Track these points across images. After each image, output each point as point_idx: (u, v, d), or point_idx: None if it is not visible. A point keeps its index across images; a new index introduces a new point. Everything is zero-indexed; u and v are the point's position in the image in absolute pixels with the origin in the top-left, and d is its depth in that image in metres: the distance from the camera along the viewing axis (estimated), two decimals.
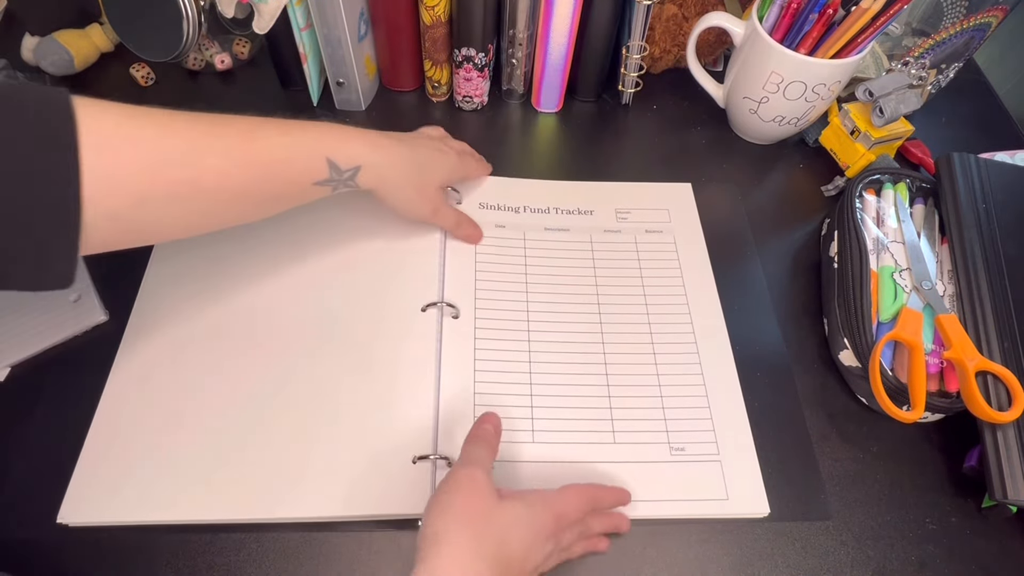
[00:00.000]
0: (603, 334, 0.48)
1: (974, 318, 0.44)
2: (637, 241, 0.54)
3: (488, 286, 0.50)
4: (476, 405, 0.44)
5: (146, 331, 0.46)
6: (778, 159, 0.62)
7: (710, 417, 0.45)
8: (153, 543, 0.39)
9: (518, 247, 0.52)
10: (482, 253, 0.51)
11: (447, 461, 0.41)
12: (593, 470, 0.42)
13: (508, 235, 0.53)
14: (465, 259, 0.51)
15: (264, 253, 0.50)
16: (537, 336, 0.48)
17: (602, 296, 0.50)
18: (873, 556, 0.41)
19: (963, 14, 0.56)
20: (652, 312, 0.50)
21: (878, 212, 0.51)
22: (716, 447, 0.43)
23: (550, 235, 0.53)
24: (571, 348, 0.47)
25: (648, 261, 0.52)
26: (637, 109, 0.64)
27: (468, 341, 0.46)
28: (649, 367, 0.47)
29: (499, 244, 0.52)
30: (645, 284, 0.51)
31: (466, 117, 0.63)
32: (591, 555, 0.40)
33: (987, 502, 0.43)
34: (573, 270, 0.51)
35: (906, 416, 0.42)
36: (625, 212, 0.55)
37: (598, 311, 0.49)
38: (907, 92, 0.54)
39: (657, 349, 0.48)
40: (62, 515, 0.38)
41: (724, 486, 0.42)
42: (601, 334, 0.48)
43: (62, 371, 0.45)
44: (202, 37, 0.58)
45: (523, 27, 0.56)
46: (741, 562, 0.40)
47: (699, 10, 0.61)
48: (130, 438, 0.41)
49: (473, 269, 0.50)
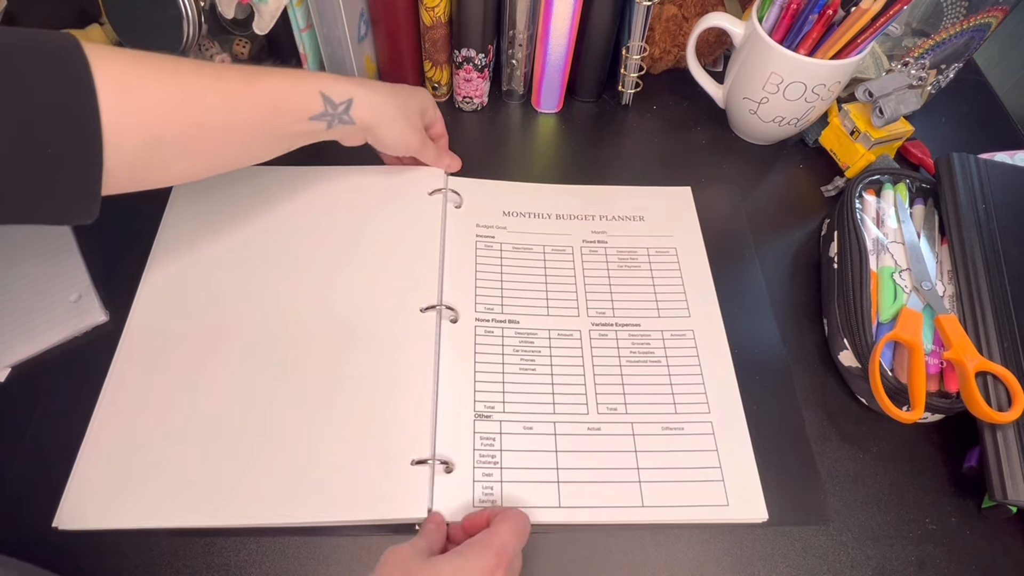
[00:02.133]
0: (603, 339, 0.48)
1: (974, 318, 0.44)
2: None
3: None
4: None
5: (143, 334, 0.45)
6: (778, 159, 0.62)
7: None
8: (152, 544, 0.39)
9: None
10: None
11: (445, 466, 0.41)
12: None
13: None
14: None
15: (263, 255, 0.50)
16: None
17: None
18: (873, 556, 0.41)
19: (963, 14, 0.56)
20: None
21: (878, 212, 0.51)
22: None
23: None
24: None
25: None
26: (637, 109, 0.64)
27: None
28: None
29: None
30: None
31: (466, 118, 0.63)
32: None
33: (987, 502, 0.43)
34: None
35: (906, 416, 0.42)
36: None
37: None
38: (907, 92, 0.54)
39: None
40: (58, 520, 0.38)
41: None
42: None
43: (61, 372, 0.44)
44: (202, 38, 0.58)
45: (523, 28, 0.56)
46: (741, 562, 0.40)
47: (699, 10, 0.61)
48: (127, 442, 0.41)
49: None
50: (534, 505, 0.41)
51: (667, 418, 0.45)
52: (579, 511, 0.41)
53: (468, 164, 0.57)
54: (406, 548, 0.34)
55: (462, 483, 0.41)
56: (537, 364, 0.46)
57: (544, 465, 0.42)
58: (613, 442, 0.43)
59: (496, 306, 0.49)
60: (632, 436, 0.44)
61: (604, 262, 0.52)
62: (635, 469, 0.42)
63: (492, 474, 0.41)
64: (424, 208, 0.52)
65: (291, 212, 0.52)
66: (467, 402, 0.44)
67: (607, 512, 0.41)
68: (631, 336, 0.48)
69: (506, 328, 0.48)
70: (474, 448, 0.42)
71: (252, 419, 0.42)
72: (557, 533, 0.41)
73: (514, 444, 0.43)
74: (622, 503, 0.41)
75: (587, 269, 0.52)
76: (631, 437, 0.44)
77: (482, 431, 0.43)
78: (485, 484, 0.41)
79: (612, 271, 0.52)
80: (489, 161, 0.58)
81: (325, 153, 0.59)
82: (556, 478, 0.42)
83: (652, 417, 0.45)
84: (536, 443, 0.43)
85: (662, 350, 0.48)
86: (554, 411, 0.44)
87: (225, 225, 0.51)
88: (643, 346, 0.48)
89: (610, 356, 0.47)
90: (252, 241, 0.50)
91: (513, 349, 0.47)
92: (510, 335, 0.48)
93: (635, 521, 0.41)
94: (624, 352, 0.48)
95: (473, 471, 0.41)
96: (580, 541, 0.41)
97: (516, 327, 0.48)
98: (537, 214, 0.55)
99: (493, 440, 0.43)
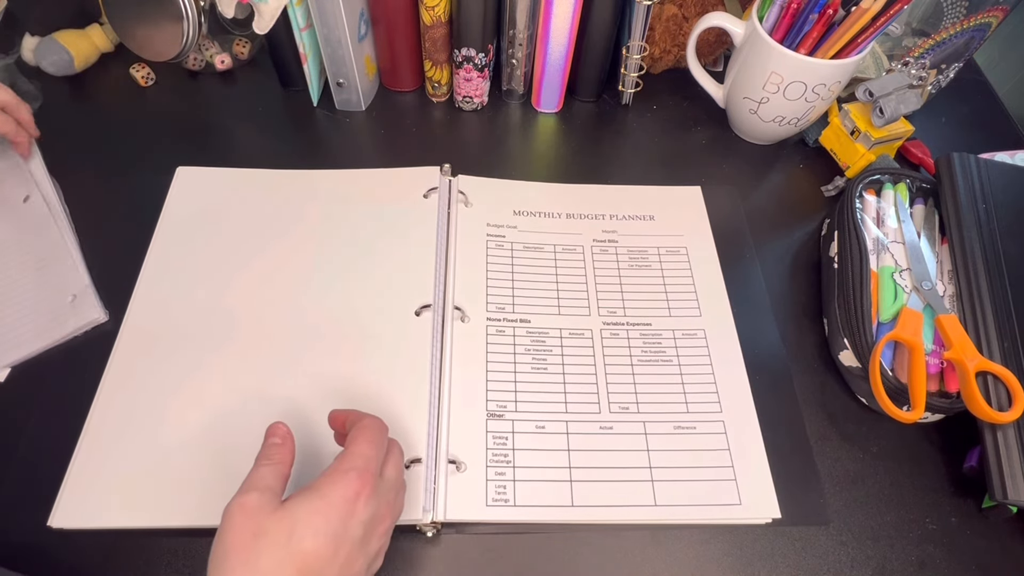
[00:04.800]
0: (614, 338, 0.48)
1: (974, 318, 0.44)
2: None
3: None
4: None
5: (140, 333, 0.45)
6: (778, 159, 0.62)
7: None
8: (152, 544, 0.39)
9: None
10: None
11: (455, 465, 0.41)
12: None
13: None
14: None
15: (259, 255, 0.50)
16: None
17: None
18: (873, 556, 0.41)
19: (963, 14, 0.56)
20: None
21: (878, 212, 0.51)
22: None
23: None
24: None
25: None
26: (637, 109, 0.64)
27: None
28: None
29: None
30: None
31: (466, 117, 0.63)
32: None
33: (987, 502, 0.43)
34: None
35: (906, 416, 0.42)
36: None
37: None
38: (907, 92, 0.54)
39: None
40: (53, 519, 0.38)
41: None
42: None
43: (60, 371, 0.44)
44: (202, 37, 0.58)
45: (523, 27, 0.56)
46: (741, 562, 0.40)
47: (699, 10, 0.61)
48: (123, 441, 0.41)
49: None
50: (547, 504, 0.41)
51: (679, 417, 0.45)
52: (592, 510, 0.41)
53: (468, 164, 0.57)
54: (251, 498, 0.29)
55: (475, 482, 0.41)
56: (549, 363, 0.46)
57: (557, 464, 0.42)
58: (625, 441, 0.43)
59: (507, 305, 0.49)
60: (644, 435, 0.44)
61: (615, 261, 0.52)
62: (647, 468, 0.42)
63: (505, 473, 0.41)
64: (421, 209, 0.52)
65: (288, 214, 0.52)
66: (479, 401, 0.44)
67: (620, 511, 0.41)
68: (642, 335, 0.48)
69: (517, 327, 0.48)
70: (487, 447, 0.42)
71: (249, 418, 0.42)
72: (557, 533, 0.41)
73: (526, 443, 0.43)
74: (635, 502, 0.41)
75: (598, 268, 0.52)
76: (643, 436, 0.44)
77: (494, 430, 0.43)
78: (498, 483, 0.41)
79: (623, 270, 0.52)
80: (489, 161, 0.58)
81: (324, 154, 0.59)
82: (569, 477, 0.42)
83: (664, 416, 0.45)
84: (548, 442, 0.43)
85: (673, 349, 0.48)
86: (566, 410, 0.44)
87: (221, 227, 0.51)
88: (654, 345, 0.48)
89: (621, 355, 0.47)
90: (248, 242, 0.50)
91: (525, 348, 0.47)
92: (521, 334, 0.48)
93: (648, 520, 0.41)
94: (635, 351, 0.48)
95: (486, 470, 0.41)
96: (580, 541, 0.41)
97: (527, 326, 0.48)
98: (547, 213, 0.55)
99: (506, 439, 0.43)
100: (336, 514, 0.30)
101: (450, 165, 0.56)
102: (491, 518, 0.40)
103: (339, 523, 0.30)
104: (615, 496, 0.41)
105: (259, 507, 0.29)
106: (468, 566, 0.39)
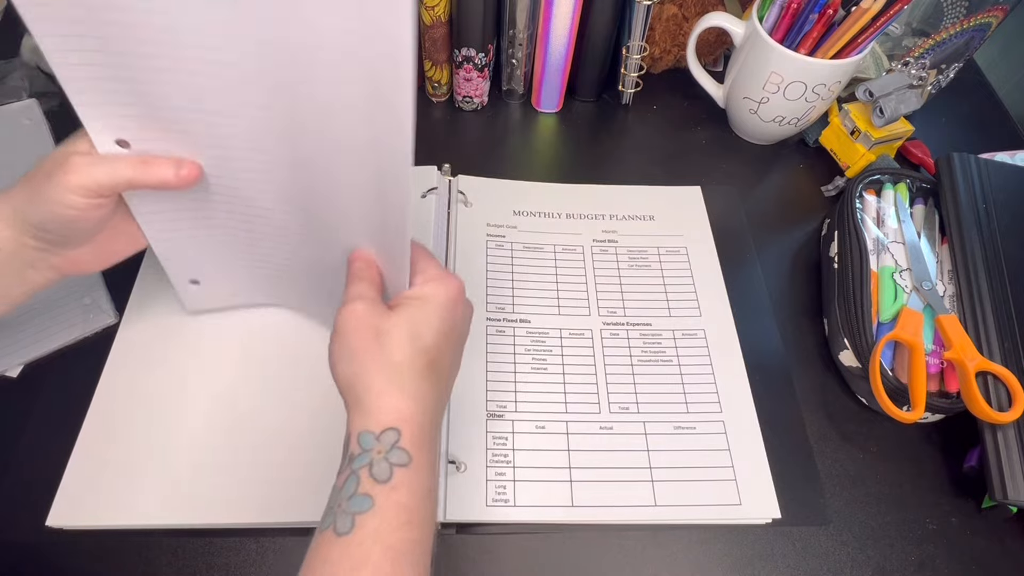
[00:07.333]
0: (614, 338, 0.48)
1: (974, 318, 0.44)
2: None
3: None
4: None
5: (138, 334, 0.45)
6: (778, 159, 0.62)
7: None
8: (152, 544, 0.39)
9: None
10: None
11: (455, 465, 0.41)
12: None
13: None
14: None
15: None
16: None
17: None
18: (873, 556, 0.41)
19: (963, 14, 0.56)
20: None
21: (878, 212, 0.51)
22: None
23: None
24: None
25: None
26: (637, 109, 0.64)
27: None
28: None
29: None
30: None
31: (466, 117, 0.63)
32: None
33: (987, 502, 0.43)
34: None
35: (906, 416, 0.42)
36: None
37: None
38: (907, 92, 0.54)
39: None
40: (51, 518, 0.38)
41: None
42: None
43: (62, 371, 0.44)
44: None
45: (523, 27, 0.56)
46: (741, 562, 0.40)
47: (699, 10, 0.61)
48: (120, 440, 0.41)
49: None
50: (547, 504, 0.41)
51: (679, 418, 0.45)
52: (592, 510, 0.41)
53: (468, 164, 0.57)
54: (359, 306, 0.32)
55: (475, 482, 0.41)
56: (549, 363, 0.46)
57: (557, 464, 0.42)
58: (625, 441, 0.43)
59: (507, 305, 0.49)
60: (644, 435, 0.44)
61: (615, 261, 0.52)
62: (647, 468, 0.42)
63: (505, 473, 0.41)
64: (420, 209, 0.52)
65: None
66: (479, 401, 0.44)
67: (620, 511, 0.41)
68: (642, 335, 0.48)
69: (517, 327, 0.48)
70: (486, 447, 0.42)
71: (248, 419, 0.42)
72: (557, 533, 0.41)
73: (526, 443, 0.43)
74: (635, 502, 0.41)
75: (598, 268, 0.52)
76: (643, 436, 0.44)
77: (494, 430, 0.43)
78: (498, 483, 0.41)
79: (623, 270, 0.52)
80: (489, 161, 0.58)
81: None
82: (569, 477, 0.42)
83: (664, 417, 0.45)
84: (548, 442, 0.43)
85: (673, 350, 0.48)
86: (566, 410, 0.44)
87: None
88: (654, 345, 0.48)
89: (621, 355, 0.47)
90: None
91: (524, 348, 0.47)
92: (521, 334, 0.48)
93: (648, 520, 0.41)
94: (636, 351, 0.48)
95: (486, 470, 0.41)
96: (580, 541, 0.41)
97: (527, 326, 0.48)
98: (547, 213, 0.55)
99: (505, 439, 0.43)
100: (447, 313, 0.34)
101: (450, 165, 0.56)
102: (491, 518, 0.40)
103: (450, 320, 0.34)
104: (615, 496, 0.41)
105: (370, 313, 0.32)
106: (468, 566, 0.39)
